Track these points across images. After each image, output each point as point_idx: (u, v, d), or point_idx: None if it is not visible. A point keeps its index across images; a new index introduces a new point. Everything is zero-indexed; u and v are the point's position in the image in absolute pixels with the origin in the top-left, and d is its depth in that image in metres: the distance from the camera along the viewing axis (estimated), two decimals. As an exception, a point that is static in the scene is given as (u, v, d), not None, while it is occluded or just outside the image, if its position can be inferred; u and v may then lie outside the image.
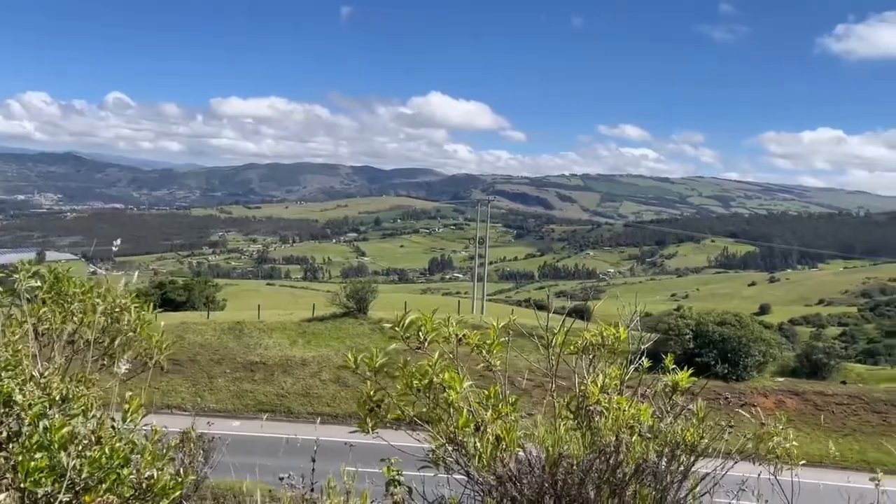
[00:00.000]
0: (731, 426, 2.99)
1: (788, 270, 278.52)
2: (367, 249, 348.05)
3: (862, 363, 72.81)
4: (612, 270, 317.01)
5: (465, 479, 2.74)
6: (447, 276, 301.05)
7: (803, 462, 4.00)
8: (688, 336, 43.00)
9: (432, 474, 2.94)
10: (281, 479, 4.24)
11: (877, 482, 4.33)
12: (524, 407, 3.05)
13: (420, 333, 2.88)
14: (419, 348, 2.78)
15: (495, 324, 3.21)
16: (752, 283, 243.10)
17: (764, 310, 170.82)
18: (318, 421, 35.14)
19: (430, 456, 2.87)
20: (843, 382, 44.03)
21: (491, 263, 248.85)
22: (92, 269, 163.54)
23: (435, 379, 2.52)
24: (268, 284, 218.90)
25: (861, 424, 38.64)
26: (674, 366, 3.45)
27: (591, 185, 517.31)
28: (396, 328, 2.97)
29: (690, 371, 3.52)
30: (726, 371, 41.11)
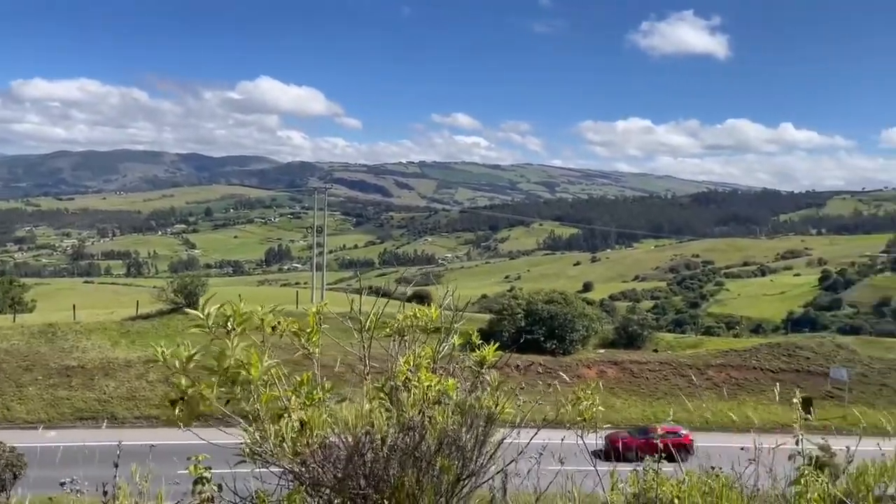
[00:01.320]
0: (521, 388, 3.17)
1: (608, 250, 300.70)
2: (198, 241, 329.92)
3: (671, 332, 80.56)
4: (450, 255, 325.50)
5: (281, 470, 2.69)
6: (286, 267, 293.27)
7: (608, 425, 4.29)
8: (520, 315, 45.18)
9: (248, 469, 2.86)
10: (62, 484, 3.93)
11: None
12: (342, 393, 3.04)
13: (229, 322, 2.75)
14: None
15: (314, 311, 3.16)
16: (577, 263, 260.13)
17: (587, 287, 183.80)
18: (146, 425, 33.02)
19: (244, 449, 2.78)
20: (655, 350, 48.37)
21: (330, 252, 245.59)
22: None
23: (233, 360, 2.41)
24: (85, 282, 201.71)
25: (671, 388, 42.56)
26: (503, 342, 3.56)
27: (428, 172, 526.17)
28: (202, 317, 2.82)
29: (514, 347, 3.68)
30: (554, 346, 43.64)
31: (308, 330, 3.03)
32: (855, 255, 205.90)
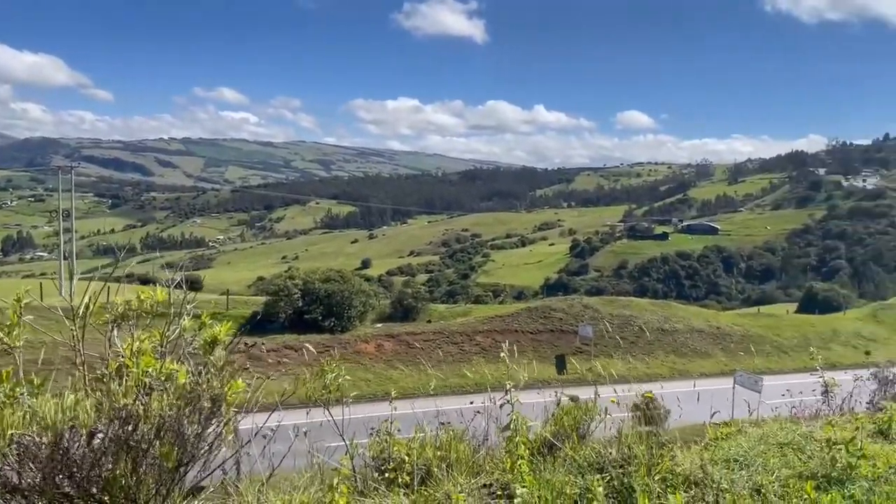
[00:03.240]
0: (245, 369, 3.13)
1: (385, 227, 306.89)
2: None
3: (445, 303, 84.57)
4: (221, 237, 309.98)
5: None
6: (27, 257, 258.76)
7: (355, 394, 4.37)
8: (296, 295, 44.48)
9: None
10: None
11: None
12: (55, 386, 2.77)
13: None
14: None
15: (14, 302, 2.83)
16: (355, 241, 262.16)
17: (366, 264, 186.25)
18: None
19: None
20: (429, 321, 50.44)
21: (83, 238, 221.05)
22: None
23: None
24: None
25: (445, 356, 44.69)
26: (281, 323, 3.44)
27: (194, 149, 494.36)
28: None
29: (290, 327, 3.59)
30: (333, 324, 43.70)
31: (8, 324, 2.72)
32: (598, 225, 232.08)
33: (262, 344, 39.23)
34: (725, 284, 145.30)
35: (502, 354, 4.25)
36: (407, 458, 3.32)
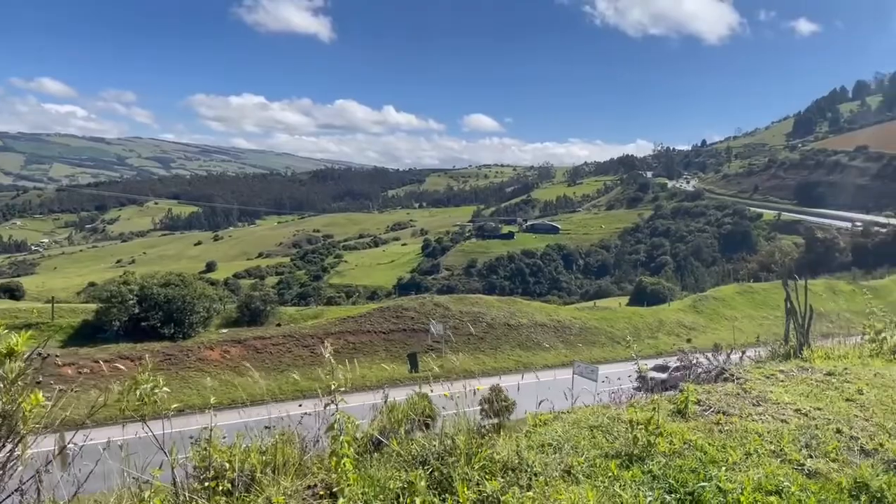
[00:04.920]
0: (38, 383, 2.95)
1: (231, 228, 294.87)
2: None
3: (296, 306, 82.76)
4: (46, 240, 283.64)
5: None
6: None
7: (177, 406, 4.23)
8: (132, 301, 41.72)
9: None
10: None
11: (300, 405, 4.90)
12: None
13: None
14: None
15: None
16: (199, 243, 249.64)
17: (210, 267, 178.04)
18: None
19: None
20: (279, 325, 49.18)
21: None
22: None
23: None
24: None
25: (295, 359, 43.78)
26: (115, 332, 3.20)
27: (13, 145, 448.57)
28: None
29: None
30: (173, 331, 41.46)
31: None
32: (449, 225, 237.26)
33: (96, 357, 36.47)
34: (566, 280, 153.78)
35: (326, 355, 4.27)
36: (229, 464, 3.27)
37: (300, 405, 4.35)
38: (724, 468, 4.27)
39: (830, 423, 5.36)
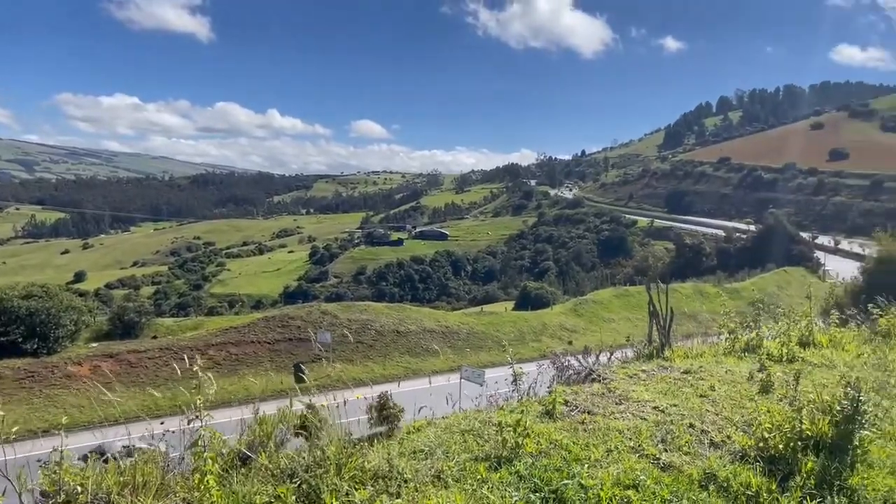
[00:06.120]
0: None
1: (102, 235, 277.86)
2: None
3: (175, 317, 79.10)
4: None
5: None
6: None
7: (24, 429, 3.99)
8: (-13, 316, 38.51)
9: None
10: None
11: (163, 422, 4.70)
12: None
13: None
14: None
15: None
16: (66, 251, 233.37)
17: (79, 277, 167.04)
18: None
19: None
20: (155, 337, 46.87)
21: None
22: None
23: None
24: None
25: (172, 373, 41.78)
26: None
27: None
28: None
29: None
30: (37, 346, 38.64)
31: None
32: (337, 232, 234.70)
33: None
34: (455, 286, 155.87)
35: (195, 368, 4.15)
36: (81, 487, 3.11)
37: (162, 422, 4.21)
38: (586, 465, 4.51)
39: (684, 418, 5.77)
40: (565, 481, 4.19)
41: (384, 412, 5.69)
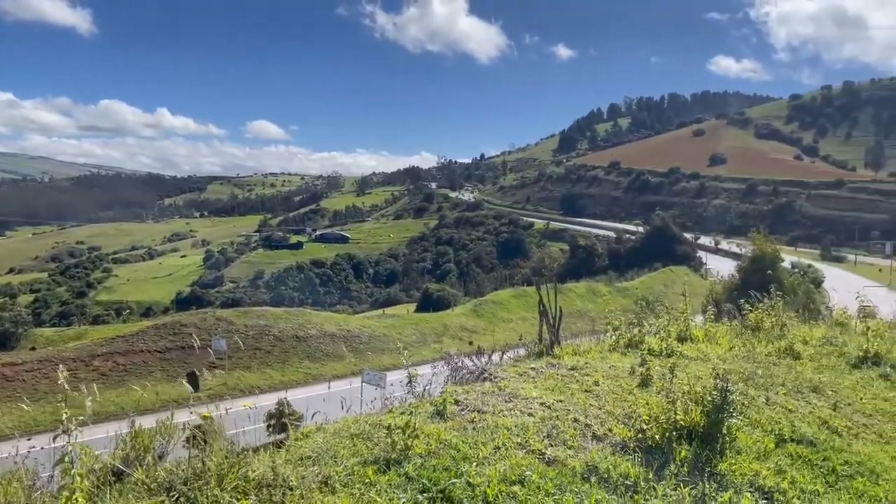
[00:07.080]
0: None
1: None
2: None
3: (56, 327, 74.27)
4: None
5: None
6: None
7: None
8: None
9: None
10: None
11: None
12: None
13: None
14: None
15: None
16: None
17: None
18: None
19: None
20: (33, 349, 44.01)
21: None
22: None
23: None
24: None
25: (53, 386, 39.31)
26: None
27: None
28: None
29: None
30: None
31: None
32: (233, 236, 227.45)
33: None
34: (356, 289, 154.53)
35: (60, 381, 3.95)
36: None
37: (29, 439, 3.96)
38: (474, 463, 4.62)
39: (570, 413, 6.01)
40: (453, 480, 4.27)
41: (283, 419, 5.58)
